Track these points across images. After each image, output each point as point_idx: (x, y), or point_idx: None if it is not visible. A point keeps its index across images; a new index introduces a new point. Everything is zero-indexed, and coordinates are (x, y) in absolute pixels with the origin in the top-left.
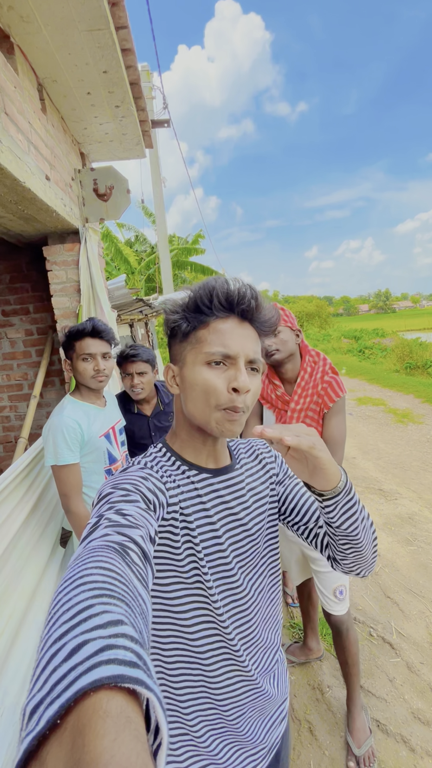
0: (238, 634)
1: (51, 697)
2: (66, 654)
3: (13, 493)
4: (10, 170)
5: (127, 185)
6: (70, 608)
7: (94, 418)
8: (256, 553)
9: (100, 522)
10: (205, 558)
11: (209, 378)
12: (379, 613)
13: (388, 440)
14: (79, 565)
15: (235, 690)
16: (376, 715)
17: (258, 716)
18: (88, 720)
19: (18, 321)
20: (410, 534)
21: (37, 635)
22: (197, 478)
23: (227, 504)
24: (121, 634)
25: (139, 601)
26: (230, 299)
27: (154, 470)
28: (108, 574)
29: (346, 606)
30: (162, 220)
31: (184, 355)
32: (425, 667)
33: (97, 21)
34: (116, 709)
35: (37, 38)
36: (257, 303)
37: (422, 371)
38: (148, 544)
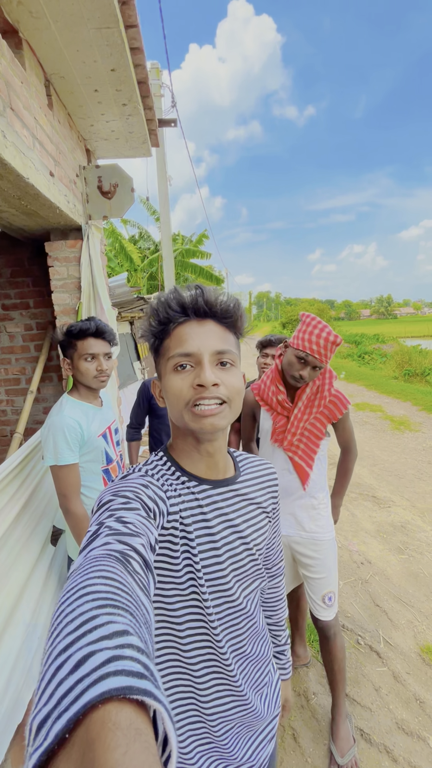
0: (231, 647)
1: (58, 710)
2: (72, 666)
3: (6, 489)
4: (13, 166)
5: (132, 184)
6: (74, 619)
7: (93, 418)
8: (253, 567)
9: (100, 530)
10: (202, 569)
11: (175, 383)
12: (367, 621)
13: (384, 447)
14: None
15: (223, 704)
16: (360, 724)
17: (246, 733)
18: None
19: (18, 315)
20: (402, 542)
21: (24, 633)
22: (198, 489)
23: (227, 516)
24: (127, 645)
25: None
26: (181, 302)
27: (155, 478)
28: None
29: (334, 611)
30: (166, 218)
31: (160, 368)
32: (411, 677)
33: (106, 19)
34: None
35: (45, 34)
36: (206, 299)
37: (421, 379)
38: (149, 552)
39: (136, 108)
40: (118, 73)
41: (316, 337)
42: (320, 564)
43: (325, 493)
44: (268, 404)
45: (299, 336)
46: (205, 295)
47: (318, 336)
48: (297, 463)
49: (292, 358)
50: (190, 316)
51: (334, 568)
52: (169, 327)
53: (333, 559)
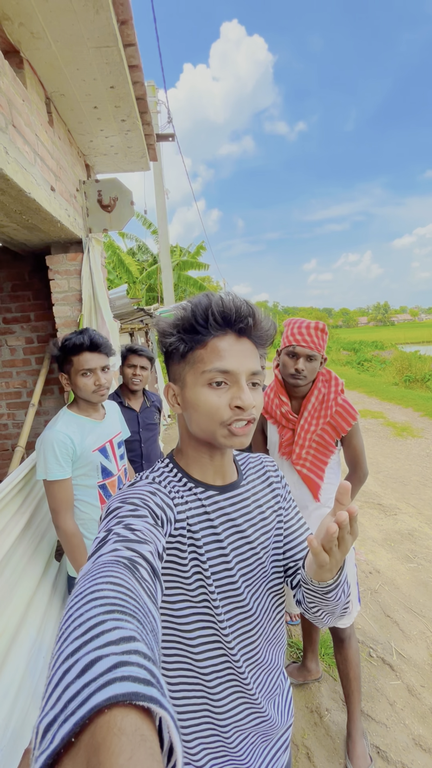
0: (243, 655)
1: (65, 714)
2: (79, 670)
3: (9, 505)
4: (15, 181)
5: (131, 197)
6: (82, 624)
7: (89, 432)
8: (262, 572)
9: (109, 537)
10: (212, 576)
11: (211, 400)
12: (378, 632)
13: (388, 454)
14: (89, 580)
15: (238, 713)
16: (375, 741)
17: (260, 742)
18: (103, 738)
19: (19, 329)
20: (410, 551)
21: (30, 650)
22: (204, 495)
23: (234, 521)
24: (134, 651)
25: (150, 617)
26: (227, 317)
27: (162, 485)
28: (119, 590)
29: (351, 618)
30: (164, 231)
31: (184, 375)
32: (426, 690)
33: (105, 38)
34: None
35: (46, 54)
36: (255, 319)
37: (421, 384)
38: (157, 560)
39: (134, 123)
40: (117, 90)
41: (298, 328)
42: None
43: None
44: (273, 417)
45: (284, 336)
46: (256, 317)
47: (300, 327)
48: (306, 476)
49: (285, 359)
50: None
51: (352, 576)
52: (205, 337)
53: (350, 569)
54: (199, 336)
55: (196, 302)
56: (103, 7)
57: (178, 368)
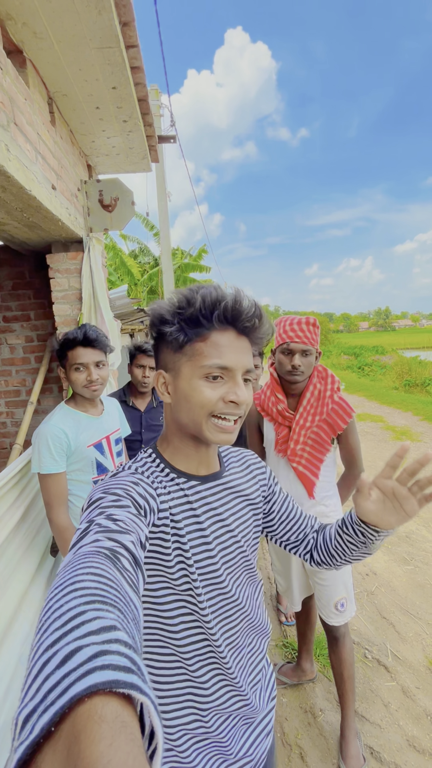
0: (225, 639)
1: (44, 704)
2: (59, 661)
3: (4, 498)
4: (16, 178)
5: (132, 197)
6: (62, 615)
7: (85, 428)
8: (243, 559)
9: (90, 527)
10: (195, 564)
11: (206, 392)
12: (374, 634)
13: (386, 457)
14: (69, 571)
15: (219, 697)
16: (369, 742)
17: (241, 725)
18: (83, 726)
19: (19, 327)
20: (407, 553)
21: (22, 645)
22: (187, 485)
23: (215, 510)
24: (114, 640)
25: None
26: (236, 315)
27: (144, 475)
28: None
29: (346, 617)
30: (166, 233)
31: (179, 366)
32: (421, 692)
33: (108, 39)
34: (111, 714)
35: (49, 54)
36: (261, 321)
37: (421, 389)
38: (139, 549)
39: (136, 124)
40: (119, 91)
41: (290, 325)
42: (331, 573)
43: (337, 499)
44: (269, 414)
45: (277, 334)
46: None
47: (291, 323)
48: (301, 473)
49: (280, 357)
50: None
51: (347, 576)
52: (208, 330)
53: (345, 568)
54: (201, 329)
55: (204, 294)
56: (105, 9)
57: (173, 357)
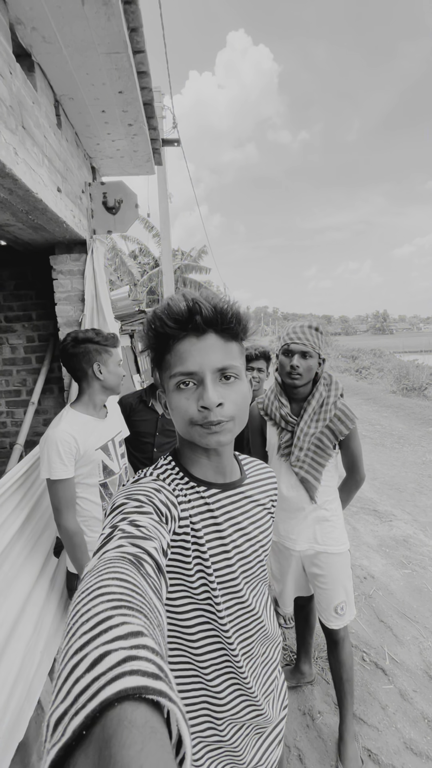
0: (242, 649)
1: (75, 707)
2: (88, 665)
3: (8, 501)
4: (24, 181)
5: (136, 200)
6: (90, 619)
7: (92, 430)
8: (260, 568)
9: (114, 533)
10: (214, 573)
11: (179, 402)
12: (372, 637)
13: (384, 461)
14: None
15: (235, 706)
16: (367, 744)
17: (254, 735)
18: (114, 730)
19: (20, 327)
20: (404, 557)
21: (26, 646)
22: (207, 493)
23: (236, 519)
24: (142, 646)
25: (156, 612)
26: (178, 320)
27: (166, 482)
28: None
29: (346, 620)
30: (167, 234)
31: (163, 382)
32: (418, 695)
33: (116, 45)
34: (141, 720)
35: (57, 58)
36: (204, 316)
37: (418, 393)
38: (161, 556)
39: (141, 128)
40: (125, 95)
41: (291, 328)
42: (332, 577)
43: (338, 504)
44: (272, 419)
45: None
46: (203, 311)
47: (294, 327)
48: (303, 478)
49: (281, 358)
50: (189, 332)
51: (348, 579)
52: (169, 342)
53: (345, 572)
54: (162, 343)
55: (151, 313)
56: (114, 15)
57: (160, 377)
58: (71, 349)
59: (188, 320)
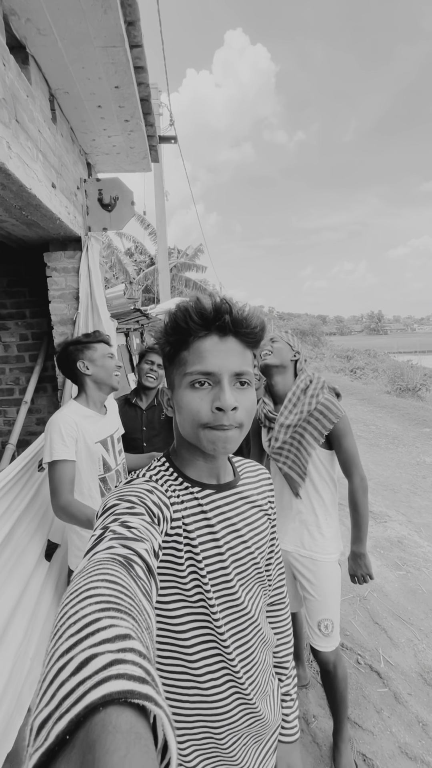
0: (239, 655)
1: (59, 712)
2: (74, 668)
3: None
4: (17, 176)
5: (132, 197)
6: (77, 621)
7: (93, 423)
8: (256, 571)
9: (105, 534)
10: (207, 575)
11: (192, 400)
12: (366, 639)
13: (379, 461)
14: (84, 577)
15: (233, 714)
16: (362, 749)
17: (253, 744)
18: (98, 735)
19: (13, 325)
20: (399, 558)
21: (15, 653)
22: (201, 494)
23: (230, 520)
24: (129, 649)
25: (145, 615)
26: (205, 317)
27: (159, 484)
28: (114, 588)
29: (333, 642)
30: (163, 233)
31: (173, 378)
32: (413, 698)
33: (112, 38)
34: (126, 725)
35: (52, 51)
36: (233, 317)
37: (412, 393)
38: (153, 558)
39: (138, 124)
40: (121, 90)
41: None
42: (318, 587)
43: (333, 517)
44: (260, 420)
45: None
46: (233, 314)
47: None
48: (286, 473)
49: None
50: (212, 331)
51: (334, 595)
52: (188, 338)
53: (333, 585)
54: (182, 337)
55: (177, 306)
56: (111, 8)
57: (169, 371)
58: (59, 356)
59: (215, 319)
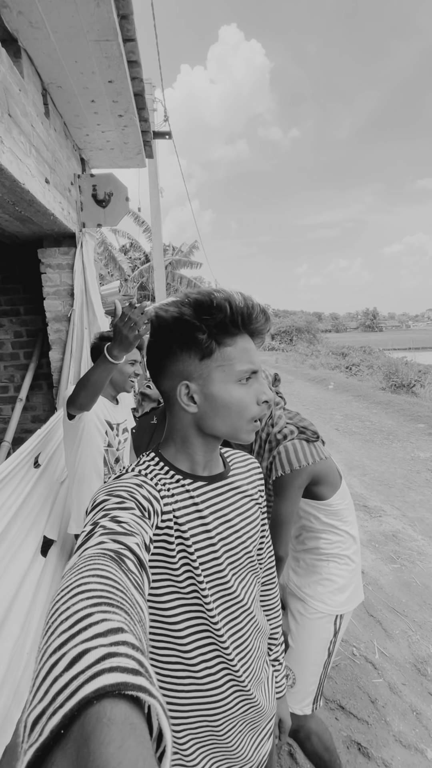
0: (233, 643)
1: (53, 707)
2: (67, 663)
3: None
4: (10, 171)
5: (126, 193)
6: (69, 617)
7: (104, 406)
8: (248, 560)
9: (95, 530)
10: (200, 567)
11: (243, 396)
12: (361, 632)
13: (374, 457)
14: (75, 573)
15: (228, 702)
16: (357, 738)
17: (248, 731)
18: (93, 728)
19: (8, 322)
20: (393, 552)
21: (13, 647)
22: (192, 486)
23: (222, 511)
24: (121, 642)
25: (137, 608)
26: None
27: (148, 478)
28: (106, 582)
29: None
30: (158, 229)
31: (208, 372)
32: (407, 688)
33: (105, 32)
34: (120, 717)
35: (44, 44)
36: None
37: (407, 390)
38: (144, 551)
39: (132, 119)
40: (115, 85)
41: None
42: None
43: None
44: None
45: None
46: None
47: None
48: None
49: None
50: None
51: (310, 660)
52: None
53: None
54: (228, 335)
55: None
56: (104, 0)
57: (198, 365)
58: (94, 343)
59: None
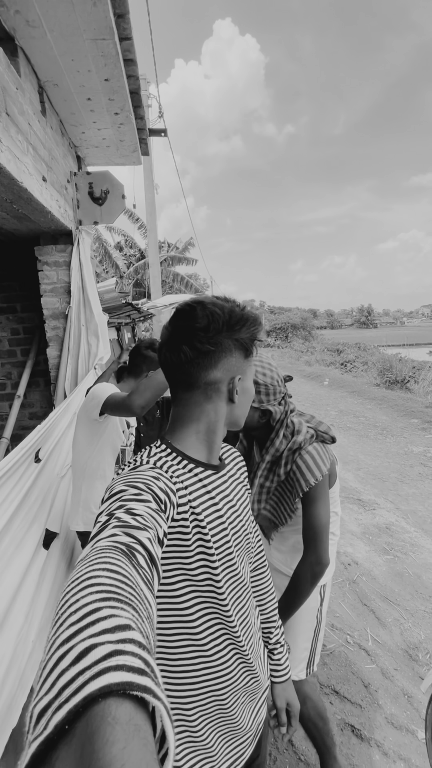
0: (239, 620)
1: (59, 701)
2: (74, 657)
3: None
4: (8, 170)
5: (123, 190)
6: (78, 610)
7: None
8: (246, 541)
9: (109, 521)
10: (215, 554)
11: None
12: (355, 620)
13: (368, 452)
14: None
15: (234, 675)
16: (351, 721)
17: (248, 701)
18: (97, 727)
19: (4, 319)
20: (387, 543)
21: (18, 635)
22: (204, 474)
23: (228, 497)
24: (129, 640)
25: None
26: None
27: (163, 470)
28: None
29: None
30: (153, 226)
31: (244, 369)
32: (399, 673)
33: (102, 31)
34: (125, 717)
35: (41, 43)
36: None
37: (401, 386)
38: (156, 546)
39: (128, 117)
40: (111, 83)
41: None
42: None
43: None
44: None
45: None
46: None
47: None
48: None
49: None
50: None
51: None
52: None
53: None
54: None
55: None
56: (100, 0)
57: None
58: (143, 350)
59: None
